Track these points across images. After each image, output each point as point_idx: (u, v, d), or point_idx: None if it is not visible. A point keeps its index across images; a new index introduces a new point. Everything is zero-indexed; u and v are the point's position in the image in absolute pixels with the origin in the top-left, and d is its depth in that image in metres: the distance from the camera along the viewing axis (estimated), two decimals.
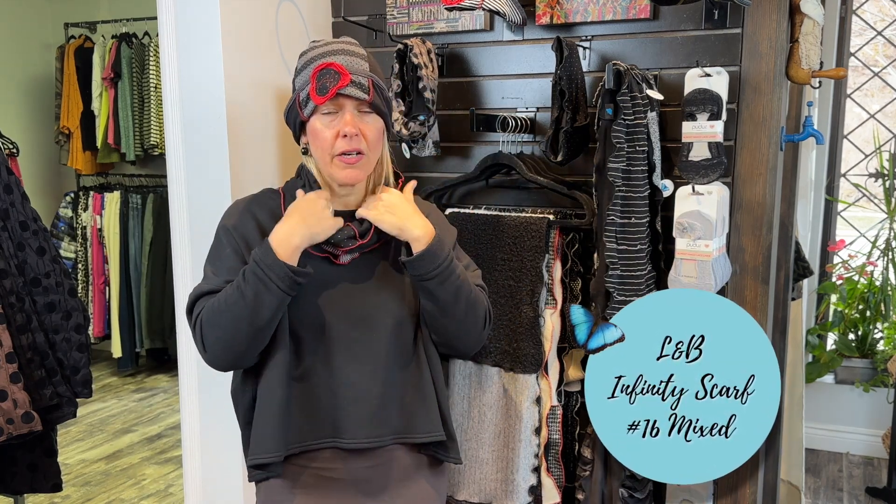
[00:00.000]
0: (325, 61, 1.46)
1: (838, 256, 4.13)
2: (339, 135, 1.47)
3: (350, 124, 1.46)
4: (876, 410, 3.93)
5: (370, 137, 1.49)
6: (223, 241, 1.55)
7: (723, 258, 1.88)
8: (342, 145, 1.47)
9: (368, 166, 1.52)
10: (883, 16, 4.17)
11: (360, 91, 1.47)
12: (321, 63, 1.47)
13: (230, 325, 1.44)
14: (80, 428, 4.38)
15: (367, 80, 1.48)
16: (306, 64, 1.50)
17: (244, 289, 1.43)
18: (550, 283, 2.00)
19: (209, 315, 1.46)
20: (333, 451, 1.55)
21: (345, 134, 1.46)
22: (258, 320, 1.43)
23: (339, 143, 1.47)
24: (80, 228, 5.21)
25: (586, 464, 1.99)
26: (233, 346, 1.46)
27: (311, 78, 1.47)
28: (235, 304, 1.43)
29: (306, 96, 1.48)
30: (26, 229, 2.22)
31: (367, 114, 1.50)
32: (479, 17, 2.15)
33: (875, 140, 4.05)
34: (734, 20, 1.88)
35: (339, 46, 1.50)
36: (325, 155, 1.49)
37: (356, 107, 1.48)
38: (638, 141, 1.82)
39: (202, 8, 2.06)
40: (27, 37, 5.52)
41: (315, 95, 1.46)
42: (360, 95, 1.47)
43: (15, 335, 2.13)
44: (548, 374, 2.01)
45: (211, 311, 1.46)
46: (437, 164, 2.27)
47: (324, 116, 1.48)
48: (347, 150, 1.47)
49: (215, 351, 1.48)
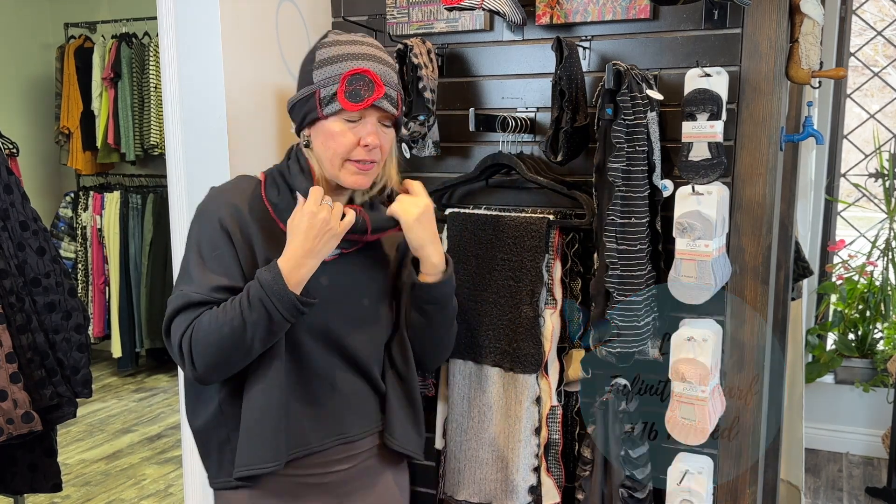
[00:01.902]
0: (359, 66, 1.42)
1: (838, 256, 4.13)
2: (359, 143, 1.45)
3: (374, 135, 1.44)
4: (876, 410, 3.93)
5: (386, 149, 1.49)
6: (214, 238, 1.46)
7: (723, 258, 1.88)
8: (361, 154, 1.45)
9: (375, 173, 1.52)
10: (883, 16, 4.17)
11: (391, 105, 1.46)
12: (354, 67, 1.42)
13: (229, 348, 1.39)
14: (80, 428, 4.38)
15: (397, 95, 1.47)
16: (333, 60, 1.45)
17: (247, 315, 1.37)
18: (550, 283, 2.00)
19: (205, 336, 1.39)
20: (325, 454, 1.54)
21: (366, 144, 1.44)
22: (257, 345, 1.40)
23: (357, 151, 1.45)
24: (80, 228, 5.22)
25: (586, 464, 1.99)
26: (227, 368, 1.42)
27: (340, 80, 1.42)
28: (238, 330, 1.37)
29: (331, 96, 1.43)
30: (26, 229, 2.22)
31: (387, 126, 1.50)
32: (479, 17, 2.15)
33: (875, 140, 4.06)
34: (734, 20, 1.88)
35: (370, 51, 1.46)
36: (336, 157, 1.46)
37: (380, 118, 1.47)
38: (638, 141, 1.82)
39: (202, 8, 2.06)
40: (27, 37, 5.53)
41: (346, 101, 1.42)
42: (391, 110, 1.46)
43: (15, 335, 2.14)
44: (548, 374, 2.01)
45: (207, 332, 1.38)
46: (437, 164, 2.27)
47: (346, 121, 1.45)
48: (365, 160, 1.46)
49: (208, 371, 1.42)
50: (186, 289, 1.44)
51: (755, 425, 1.95)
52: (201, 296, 1.42)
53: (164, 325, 1.47)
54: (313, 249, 1.40)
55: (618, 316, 1.85)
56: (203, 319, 1.40)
